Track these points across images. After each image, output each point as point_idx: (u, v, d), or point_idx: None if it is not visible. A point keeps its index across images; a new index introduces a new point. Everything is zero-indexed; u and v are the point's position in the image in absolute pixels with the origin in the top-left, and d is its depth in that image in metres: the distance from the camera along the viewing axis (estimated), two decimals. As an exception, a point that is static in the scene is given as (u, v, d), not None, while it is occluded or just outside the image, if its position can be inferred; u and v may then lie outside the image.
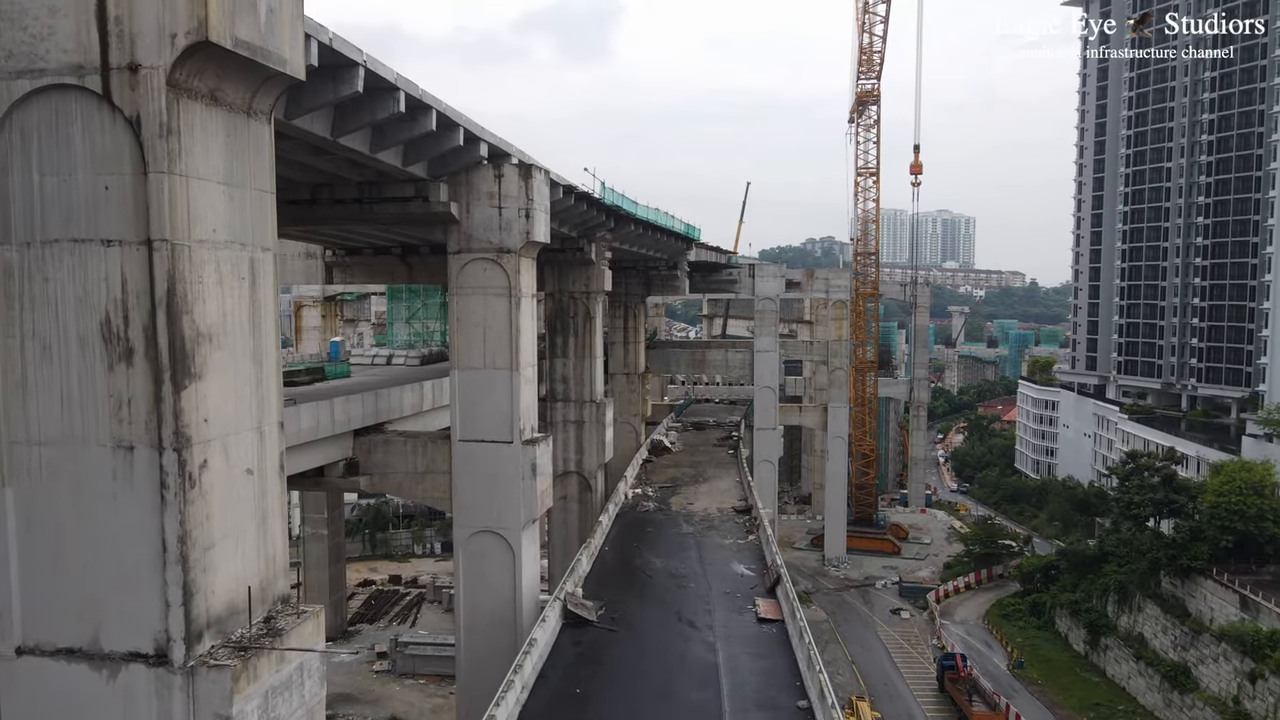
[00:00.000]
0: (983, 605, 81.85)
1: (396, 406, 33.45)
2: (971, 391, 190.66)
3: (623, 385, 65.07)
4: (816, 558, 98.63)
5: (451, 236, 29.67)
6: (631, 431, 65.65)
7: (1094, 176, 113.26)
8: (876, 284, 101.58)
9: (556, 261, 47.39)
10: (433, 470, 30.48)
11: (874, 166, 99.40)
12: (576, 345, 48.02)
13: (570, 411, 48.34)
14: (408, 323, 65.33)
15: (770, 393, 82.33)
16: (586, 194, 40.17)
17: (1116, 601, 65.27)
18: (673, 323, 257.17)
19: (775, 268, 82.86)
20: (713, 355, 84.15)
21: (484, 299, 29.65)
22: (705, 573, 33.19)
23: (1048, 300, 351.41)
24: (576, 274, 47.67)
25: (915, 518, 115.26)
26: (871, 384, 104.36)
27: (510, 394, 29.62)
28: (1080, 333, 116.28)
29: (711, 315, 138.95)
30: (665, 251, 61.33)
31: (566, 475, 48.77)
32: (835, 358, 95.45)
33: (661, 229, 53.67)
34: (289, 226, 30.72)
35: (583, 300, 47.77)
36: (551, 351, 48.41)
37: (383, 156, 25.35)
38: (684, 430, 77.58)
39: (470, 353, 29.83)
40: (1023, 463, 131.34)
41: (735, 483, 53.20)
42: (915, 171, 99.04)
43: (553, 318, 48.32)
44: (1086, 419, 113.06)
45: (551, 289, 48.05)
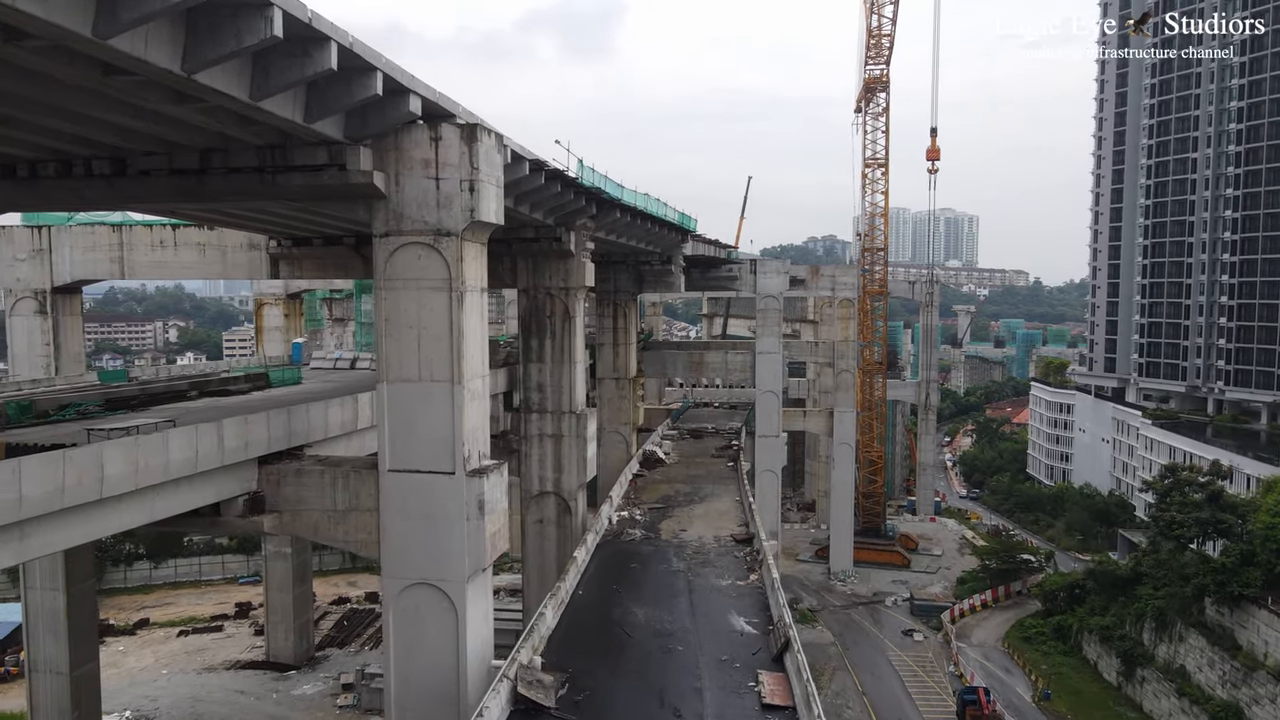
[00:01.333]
0: (1001, 626, 75.53)
1: (319, 425, 27.19)
2: (978, 393, 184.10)
3: (611, 391, 58.81)
4: (821, 570, 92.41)
5: (377, 215, 23.42)
6: (621, 442, 59.43)
7: (1113, 168, 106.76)
8: (885, 281, 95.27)
9: (530, 253, 41.14)
10: (357, 507, 24.26)
11: (883, 157, 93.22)
12: (554, 348, 41.78)
13: (547, 424, 42.10)
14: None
15: (773, 397, 76.08)
16: (559, 172, 33.91)
17: (1154, 629, 58.95)
18: (673, 322, 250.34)
19: (778, 263, 76.55)
20: (712, 357, 77.87)
21: (418, 294, 23.41)
22: (697, 628, 26.92)
23: (1052, 300, 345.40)
24: (554, 267, 41.41)
25: (924, 527, 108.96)
26: (880, 387, 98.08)
27: (451, 412, 23.39)
28: (1098, 333, 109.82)
29: (712, 314, 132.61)
30: (658, 244, 55.08)
31: (543, 496, 42.55)
32: (842, 359, 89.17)
33: (652, 218, 47.41)
34: (177, 202, 24.54)
35: (561, 297, 41.50)
36: (525, 355, 42.17)
37: (270, 106, 19.11)
38: (680, 438, 71.29)
39: (401, 361, 23.59)
40: (1036, 468, 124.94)
41: (735, 502, 46.91)
42: (932, 157, 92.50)
43: (527, 317, 42.08)
44: (1105, 423, 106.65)
45: (525, 284, 41.80)
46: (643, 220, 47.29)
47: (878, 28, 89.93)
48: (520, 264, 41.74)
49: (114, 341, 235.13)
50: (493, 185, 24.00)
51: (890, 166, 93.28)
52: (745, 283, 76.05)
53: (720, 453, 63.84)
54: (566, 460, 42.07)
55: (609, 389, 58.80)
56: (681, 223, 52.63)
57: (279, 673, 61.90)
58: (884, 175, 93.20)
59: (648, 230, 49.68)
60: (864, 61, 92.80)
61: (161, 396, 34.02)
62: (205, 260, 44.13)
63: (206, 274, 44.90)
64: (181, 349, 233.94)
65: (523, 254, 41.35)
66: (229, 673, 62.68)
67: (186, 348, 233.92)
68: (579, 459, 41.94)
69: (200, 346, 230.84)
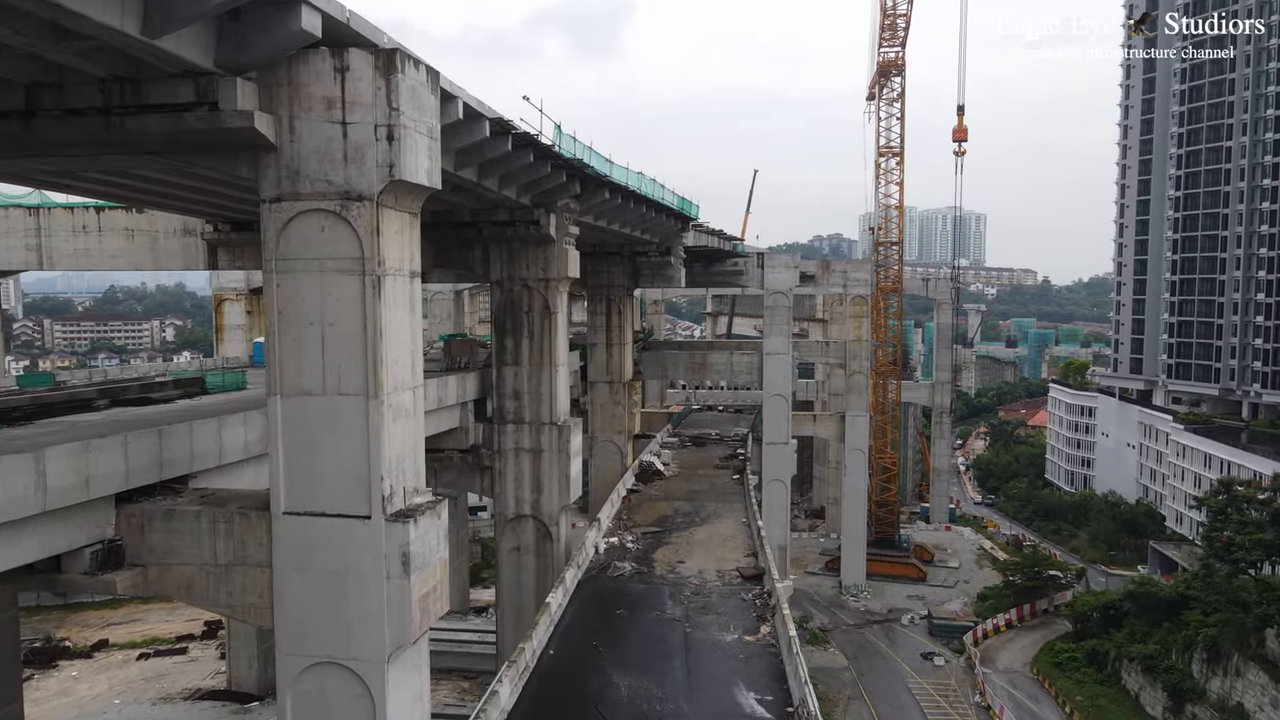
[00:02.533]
0: (1029, 649, 69.31)
1: (210, 449, 21.10)
2: (990, 393, 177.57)
3: (604, 396, 52.81)
4: (832, 584, 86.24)
5: (266, 173, 17.38)
6: (615, 452, 53.43)
7: (1140, 158, 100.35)
8: (900, 277, 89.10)
9: (504, 238, 35.13)
10: (244, 561, 18.26)
11: (898, 145, 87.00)
12: (532, 349, 35.77)
13: (524, 437, 36.09)
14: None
15: (782, 401, 69.92)
16: (530, 139, 27.86)
17: (1206, 660, 52.76)
18: (676, 321, 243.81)
19: (788, 257, 70.39)
20: (716, 358, 71.77)
21: (320, 278, 17.37)
22: (694, 709, 20.85)
23: (1061, 299, 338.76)
24: (531, 255, 35.41)
25: (939, 536, 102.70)
26: (894, 389, 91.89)
27: (367, 436, 17.36)
28: (1124, 332, 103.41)
29: (716, 313, 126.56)
30: (654, 232, 49.05)
31: (520, 520, 36.53)
32: (854, 360, 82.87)
33: (647, 200, 41.35)
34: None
35: (540, 290, 35.48)
36: (499, 358, 36.14)
37: (79, 5, 13.10)
38: (681, 446, 65.23)
39: (300, 369, 17.56)
40: (1055, 474, 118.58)
41: (741, 525, 40.85)
42: (959, 138, 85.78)
43: (501, 313, 36.06)
44: (1130, 427, 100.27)
45: (499, 275, 35.80)
46: (636, 203, 41.25)
47: (893, 7, 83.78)
48: (493, 251, 35.76)
49: (110, 341, 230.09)
50: (422, 135, 17.94)
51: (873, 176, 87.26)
52: (752, 278, 69.94)
53: (724, 463, 57.80)
54: (547, 479, 36.06)
55: (602, 394, 52.81)
56: (681, 208, 46.58)
57: (240, 704, 55.91)
58: (899, 165, 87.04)
59: (642, 215, 43.64)
60: (877, 44, 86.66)
61: (58, 407, 27.92)
62: (134, 248, 38.21)
63: (136, 263, 39.01)
64: (179, 348, 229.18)
65: (495, 239, 35.36)
66: (186, 703, 56.74)
67: (184, 347, 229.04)
68: (561, 477, 35.94)
69: (198, 345, 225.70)
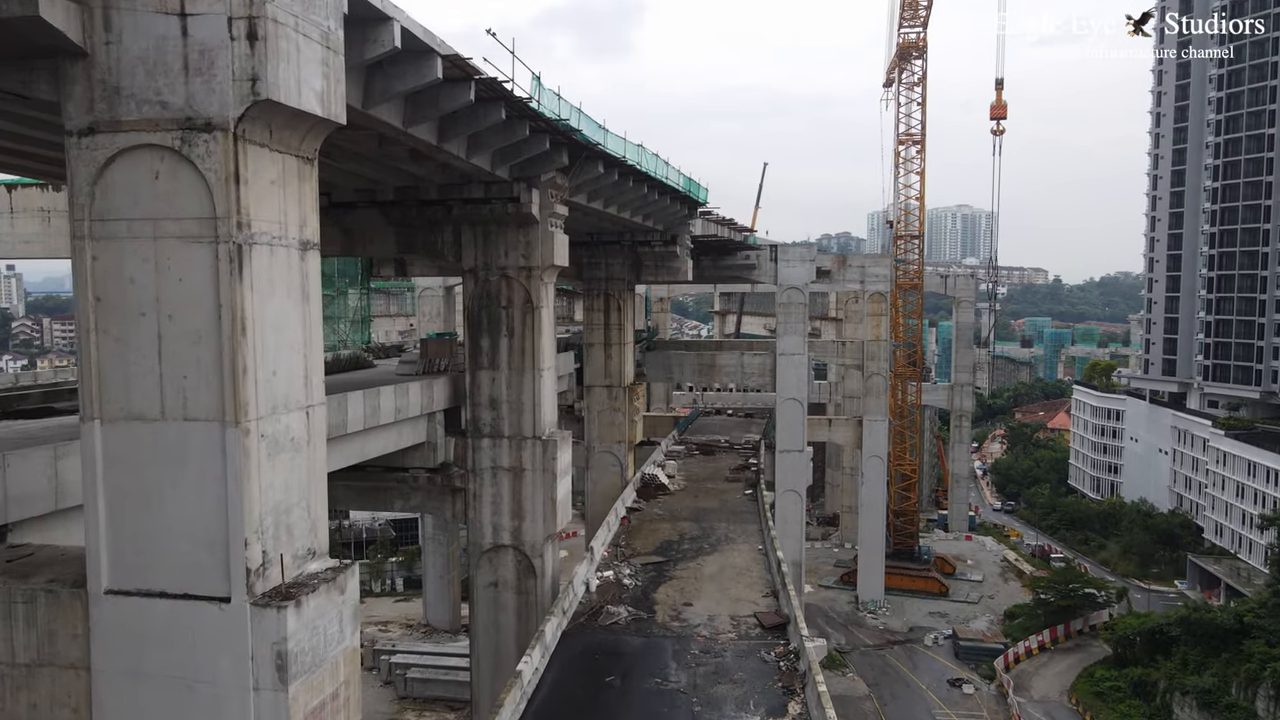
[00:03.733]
0: (1066, 674, 63.27)
1: (38, 490, 15.28)
2: (1006, 395, 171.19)
3: (602, 402, 47.07)
4: (848, 599, 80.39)
5: (71, 91, 11.69)
6: (614, 464, 47.69)
7: (1174, 148, 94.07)
8: (921, 272, 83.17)
9: (478, 219, 29.41)
10: (52, 660, 12.58)
11: (918, 132, 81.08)
12: (512, 351, 30.04)
13: (503, 453, 30.35)
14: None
15: (797, 406, 64.04)
16: (497, 87, 22.11)
17: (1272, 697, 46.79)
18: (683, 320, 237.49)
19: (803, 249, 64.52)
20: (725, 359, 65.93)
21: (152, 248, 11.70)
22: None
23: (1072, 298, 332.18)
24: (511, 239, 29.68)
25: (959, 546, 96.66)
26: (914, 392, 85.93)
27: (224, 480, 11.68)
28: (1156, 331, 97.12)
29: (724, 311, 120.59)
30: (658, 217, 43.26)
31: (498, 551, 30.79)
32: (873, 361, 76.93)
33: (648, 178, 35.56)
34: None
35: (521, 280, 29.75)
36: (473, 360, 30.42)
37: None
38: (688, 455, 59.44)
39: (127, 380, 11.89)
40: (1079, 479, 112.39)
41: (757, 553, 35.06)
42: (997, 115, 79.28)
43: (475, 308, 30.34)
44: (1162, 432, 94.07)
45: (473, 263, 30.08)
46: (636, 182, 35.47)
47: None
48: (465, 234, 30.04)
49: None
50: (311, 41, 12.19)
51: (891, 168, 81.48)
52: (764, 272, 64.02)
53: (736, 475, 51.99)
54: (530, 503, 30.32)
55: (599, 399, 47.07)
56: (688, 191, 40.74)
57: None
58: (920, 153, 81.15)
59: (643, 198, 37.85)
60: (896, 25, 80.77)
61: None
62: (50, 232, 32.66)
63: (53, 249, 33.37)
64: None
65: (468, 220, 29.63)
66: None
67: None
68: (546, 501, 30.20)
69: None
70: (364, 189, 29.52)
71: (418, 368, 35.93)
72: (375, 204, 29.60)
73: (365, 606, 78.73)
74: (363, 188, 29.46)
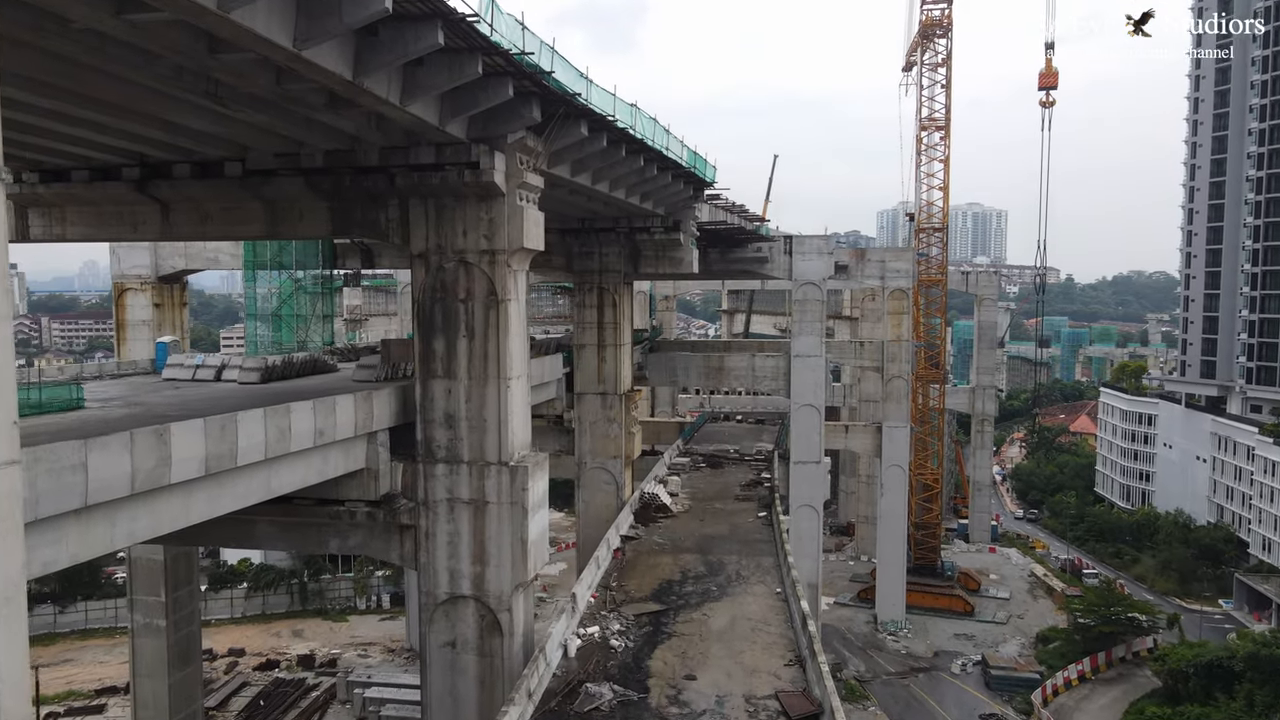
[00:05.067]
0: (1112, 709, 56.74)
1: None
2: (1024, 396, 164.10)
3: (596, 412, 40.83)
4: (866, 618, 74.04)
5: None
6: (609, 482, 41.42)
7: (1213, 134, 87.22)
8: (944, 267, 76.75)
9: (428, 190, 23.22)
10: None
11: (942, 117, 74.65)
12: (473, 356, 23.87)
13: (462, 483, 24.19)
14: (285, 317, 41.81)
15: (813, 413, 57.78)
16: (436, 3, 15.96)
17: (1365, 751, 40.35)
18: (690, 320, 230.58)
19: (820, 240, 58.16)
20: (735, 361, 59.67)
21: None
22: None
23: (1085, 297, 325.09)
24: (470, 216, 23.50)
25: (983, 559, 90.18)
26: (936, 396, 79.51)
27: None
28: (1193, 331, 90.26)
29: (732, 310, 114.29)
30: (658, 199, 36.99)
31: (456, 603, 24.59)
32: (893, 363, 70.60)
33: (644, 147, 29.31)
34: None
35: (483, 268, 23.57)
36: (424, 367, 24.24)
37: None
38: (694, 468, 53.30)
39: None
40: (1106, 487, 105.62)
41: (776, 598, 28.83)
42: (1047, 84, 71.69)
43: (427, 302, 24.15)
44: (1199, 438, 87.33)
45: (424, 246, 23.90)
46: (630, 151, 29.25)
47: (939, -45, 71.45)
48: (414, 210, 23.86)
49: (109, 339, 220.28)
50: None
51: (910, 157, 75.10)
52: (777, 266, 57.79)
53: (747, 493, 45.80)
54: (494, 544, 24.15)
55: (592, 408, 40.84)
56: (693, 167, 34.47)
57: (147, 790, 44.47)
58: (944, 139, 74.70)
59: (639, 172, 31.62)
60: (919, 1, 74.38)
61: None
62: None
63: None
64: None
65: (417, 192, 23.48)
66: (82, 787, 45.43)
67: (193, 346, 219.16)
68: (515, 542, 24.01)
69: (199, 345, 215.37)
70: (287, 153, 23.41)
71: (378, 373, 29.87)
72: (300, 171, 23.49)
73: (348, 625, 72.84)
74: (285, 151, 23.35)
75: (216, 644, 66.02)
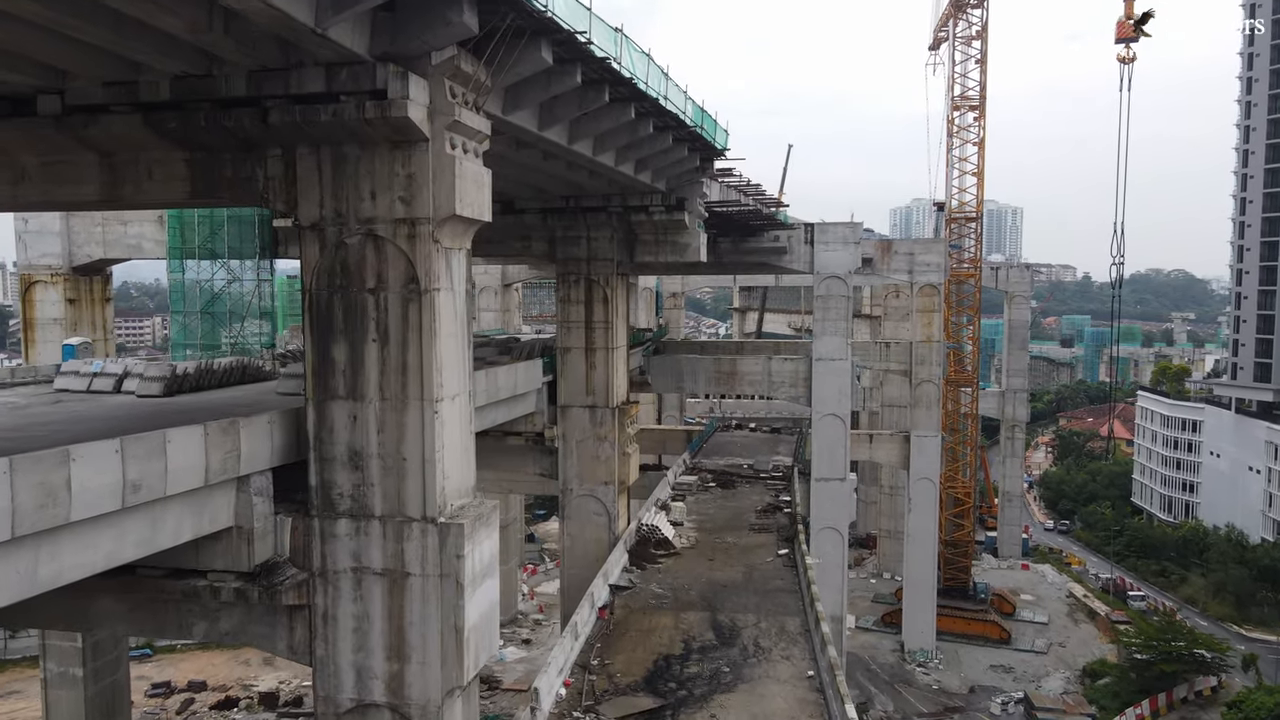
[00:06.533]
0: (1178, 765, 49.46)
1: None
2: (1047, 398, 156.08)
3: (584, 428, 33.59)
4: (892, 645, 66.67)
5: None
6: (599, 512, 34.14)
7: (1268, 118, 79.32)
8: (978, 260, 69.26)
9: (319, 132, 15.95)
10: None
11: (977, 95, 67.13)
12: (385, 368, 16.69)
13: (372, 546, 17.02)
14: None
15: (837, 424, 50.51)
16: None
17: None
18: (700, 319, 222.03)
19: (846, 228, 50.82)
20: (748, 365, 52.34)
21: None
22: None
23: (1103, 295, 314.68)
24: (380, 171, 16.29)
25: (1015, 576, 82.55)
26: (967, 402, 72.00)
27: None
28: (1246, 331, 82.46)
29: (744, 308, 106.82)
30: (657, 167, 29.61)
31: (365, 713, 17.41)
32: (923, 365, 63.23)
33: (632, 88, 22.04)
34: None
35: (399, 244, 16.36)
36: (320, 386, 17.08)
37: None
38: (702, 487, 46.06)
39: None
40: (1145, 497, 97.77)
41: (807, 685, 21.55)
42: (1124, 36, 60.99)
43: (322, 291, 16.96)
44: (1252, 447, 79.54)
45: (315, 214, 16.70)
46: (615, 97, 21.99)
47: (975, -85, 63.92)
48: (302, 162, 16.64)
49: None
50: None
51: (941, 141, 67.59)
52: (797, 257, 50.49)
53: (764, 520, 38.47)
54: (417, 632, 16.96)
55: (578, 425, 33.60)
56: (699, 126, 27.12)
57: None
58: (978, 119, 67.18)
59: (630, 128, 24.34)
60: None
61: None
62: None
63: None
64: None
65: (304, 136, 16.26)
66: None
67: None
68: (448, 630, 16.82)
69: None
70: (120, 81, 16.28)
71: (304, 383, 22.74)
72: (138, 107, 16.37)
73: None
74: (118, 79, 16.23)
75: (178, 674, 59.33)
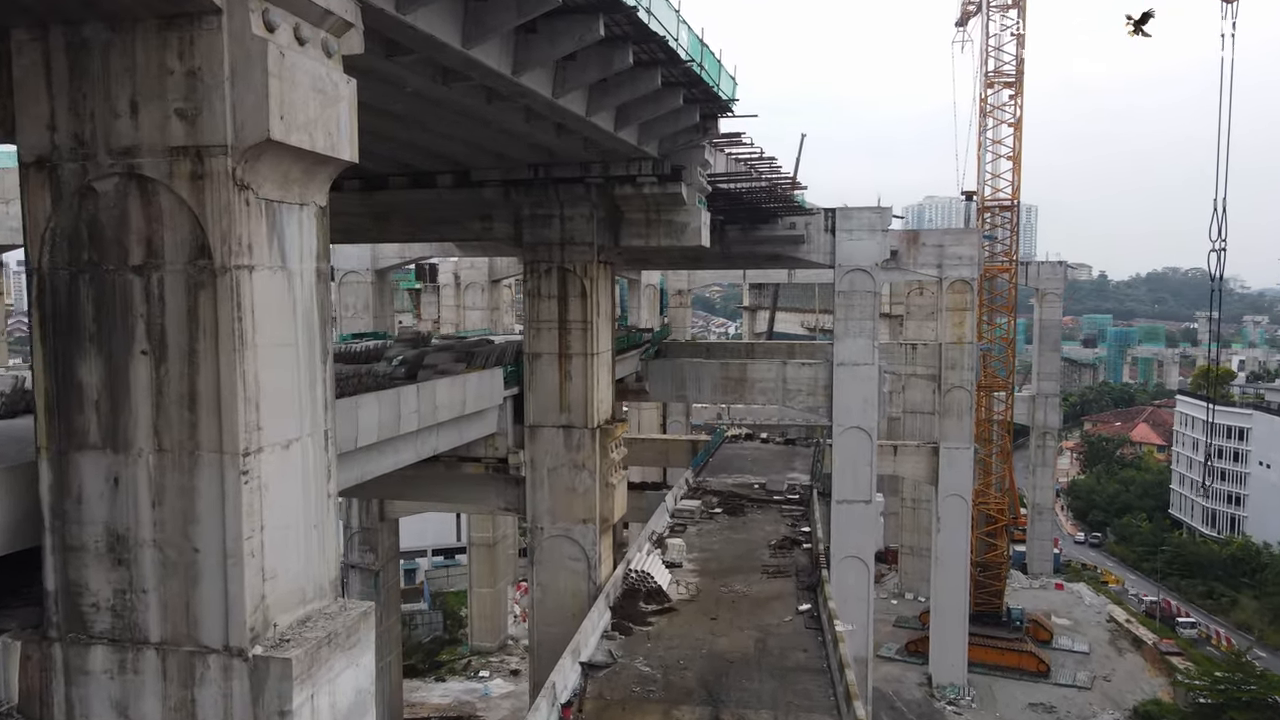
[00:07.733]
0: (1259, 835, 42.29)
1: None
2: (1071, 400, 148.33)
3: (557, 454, 26.66)
4: (918, 677, 59.68)
5: None
6: (576, 557, 27.18)
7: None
8: (1014, 253, 62.14)
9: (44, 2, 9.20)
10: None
11: (1013, 71, 60.03)
12: (163, 396, 9.89)
13: (144, 693, 10.25)
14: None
15: (863, 438, 43.48)
16: None
17: None
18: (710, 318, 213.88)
19: (872, 214, 43.81)
20: (759, 371, 45.32)
21: None
22: None
23: (1119, 294, 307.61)
24: (145, 69, 9.47)
25: (1049, 598, 75.37)
26: (1003, 410, 64.86)
27: None
28: (1303, 331, 74.90)
29: (755, 306, 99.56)
30: (646, 124, 22.54)
31: None
32: (953, 370, 56.12)
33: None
34: None
35: (177, 192, 9.57)
36: (59, 427, 10.33)
37: None
38: (705, 514, 39.09)
39: None
40: (1184, 509, 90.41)
41: None
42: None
43: (60, 271, 10.15)
44: (1309, 458, 72.16)
45: (43, 143, 9.94)
46: (572, 3, 15.17)
47: None
48: (23, 56, 9.75)
49: None
50: None
51: (971, 122, 60.40)
52: (816, 247, 43.47)
53: (779, 560, 31.45)
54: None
55: (550, 448, 26.68)
56: (696, 62, 20.24)
57: None
58: (1014, 97, 60.08)
59: (603, 57, 17.42)
60: (985, -70, 59.72)
61: None
62: None
63: None
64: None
65: (20, 14, 9.39)
66: None
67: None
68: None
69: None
70: None
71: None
72: None
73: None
74: None
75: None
